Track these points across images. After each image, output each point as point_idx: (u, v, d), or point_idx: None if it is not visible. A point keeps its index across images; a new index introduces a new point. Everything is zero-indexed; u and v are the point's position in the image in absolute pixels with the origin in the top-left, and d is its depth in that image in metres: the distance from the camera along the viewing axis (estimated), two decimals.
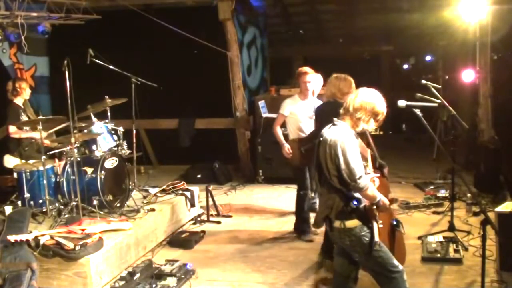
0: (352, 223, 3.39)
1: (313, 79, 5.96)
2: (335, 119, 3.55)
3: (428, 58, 13.58)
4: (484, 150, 7.37)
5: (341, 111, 3.53)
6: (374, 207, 3.43)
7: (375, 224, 3.40)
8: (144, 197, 6.38)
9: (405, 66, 14.66)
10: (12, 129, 6.06)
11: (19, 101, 6.28)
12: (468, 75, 7.62)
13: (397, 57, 14.14)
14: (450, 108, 5.15)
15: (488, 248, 4.46)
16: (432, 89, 5.16)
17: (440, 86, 5.59)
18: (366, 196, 3.39)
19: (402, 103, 3.89)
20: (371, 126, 3.45)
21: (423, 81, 5.23)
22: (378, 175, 3.60)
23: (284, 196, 7.51)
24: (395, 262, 3.48)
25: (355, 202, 3.37)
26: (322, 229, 4.21)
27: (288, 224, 6.32)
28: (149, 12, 7.94)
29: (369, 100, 3.41)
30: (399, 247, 4.20)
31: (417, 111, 3.80)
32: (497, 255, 4.60)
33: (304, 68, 6.06)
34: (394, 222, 4.18)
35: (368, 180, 3.39)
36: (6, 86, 6.32)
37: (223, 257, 5.46)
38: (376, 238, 3.37)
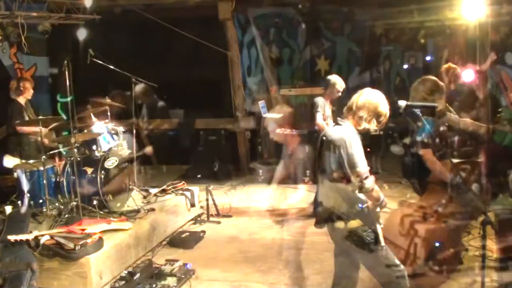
0: (354, 223, 3.37)
1: None
2: (339, 118, 3.52)
3: (428, 58, 13.55)
4: (484, 150, 7.35)
5: (345, 110, 3.51)
6: (378, 209, 3.40)
7: (378, 227, 3.37)
8: (144, 197, 6.38)
9: (405, 66, 14.62)
10: (19, 126, 6.07)
11: (21, 100, 6.29)
12: (468, 75, 7.60)
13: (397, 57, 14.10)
14: (450, 108, 5.15)
15: (488, 248, 4.45)
16: None
17: None
18: (371, 196, 3.37)
19: (402, 103, 3.87)
20: (372, 126, 3.43)
21: None
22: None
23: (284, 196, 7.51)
24: (397, 261, 3.47)
25: (360, 205, 3.34)
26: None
27: (288, 223, 6.32)
28: (149, 12, 7.94)
29: (372, 100, 3.40)
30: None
31: (417, 111, 3.79)
32: (497, 255, 4.60)
33: None
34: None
35: (373, 181, 3.35)
36: (10, 85, 6.34)
37: (223, 257, 5.46)
38: (382, 243, 3.35)
